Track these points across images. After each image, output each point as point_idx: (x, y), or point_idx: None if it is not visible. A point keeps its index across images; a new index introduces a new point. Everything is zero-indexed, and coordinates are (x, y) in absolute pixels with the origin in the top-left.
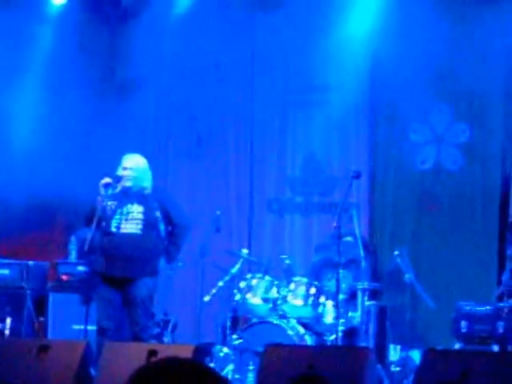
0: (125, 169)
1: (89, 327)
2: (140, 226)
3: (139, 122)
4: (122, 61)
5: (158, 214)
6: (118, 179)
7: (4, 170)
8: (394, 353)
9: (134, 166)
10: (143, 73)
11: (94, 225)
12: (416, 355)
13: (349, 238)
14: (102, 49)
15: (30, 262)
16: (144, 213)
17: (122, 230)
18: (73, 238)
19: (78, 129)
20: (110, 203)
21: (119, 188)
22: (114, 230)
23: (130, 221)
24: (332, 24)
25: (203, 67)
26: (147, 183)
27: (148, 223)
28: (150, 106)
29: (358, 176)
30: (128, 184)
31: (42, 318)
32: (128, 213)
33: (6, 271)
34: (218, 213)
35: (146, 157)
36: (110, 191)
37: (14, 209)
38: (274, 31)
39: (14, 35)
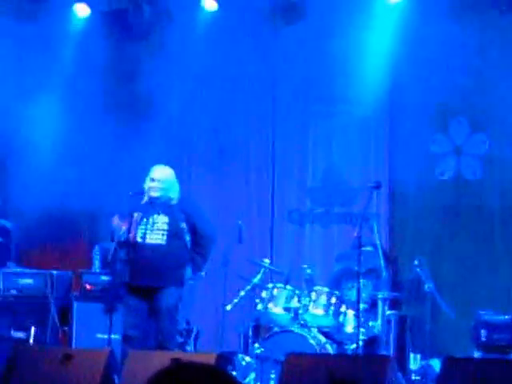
0: (152, 180)
1: (112, 336)
2: (165, 237)
3: (162, 134)
4: (145, 73)
5: (183, 224)
6: (141, 193)
7: (30, 182)
8: (414, 361)
9: (161, 177)
10: (166, 85)
11: (116, 236)
12: (436, 364)
13: (369, 248)
14: (126, 61)
15: (54, 272)
16: (169, 223)
17: (147, 241)
18: (97, 248)
19: (103, 141)
20: (136, 214)
21: (146, 199)
22: (139, 240)
23: (155, 231)
24: (353, 36)
25: (225, 79)
26: (174, 194)
27: (173, 234)
28: (173, 118)
29: (378, 186)
30: (155, 194)
31: (66, 327)
32: (153, 223)
33: (30, 281)
34: (240, 223)
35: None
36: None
37: (40, 219)
38: (295, 43)
39: (39, 48)
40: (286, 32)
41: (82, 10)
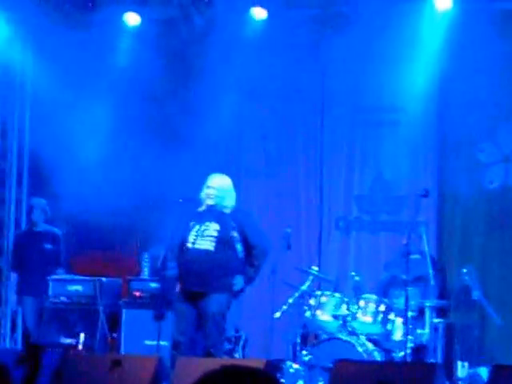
0: (208, 187)
1: (161, 343)
2: (213, 243)
3: (211, 142)
4: (195, 82)
5: (235, 233)
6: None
7: (80, 189)
8: (461, 369)
9: (217, 185)
10: (216, 94)
11: (167, 242)
12: (484, 372)
13: (417, 256)
14: (175, 70)
15: (104, 279)
16: (219, 231)
17: (197, 246)
18: (146, 255)
19: (152, 149)
20: (192, 223)
21: (203, 207)
22: (189, 245)
23: (205, 237)
24: (401, 45)
25: (274, 88)
26: (229, 203)
27: (222, 241)
28: (221, 126)
29: (426, 195)
30: (210, 202)
31: (114, 334)
32: (204, 230)
33: (79, 287)
34: (289, 230)
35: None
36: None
37: (88, 226)
38: (343, 51)
39: (89, 56)
40: (334, 40)
41: (132, 19)
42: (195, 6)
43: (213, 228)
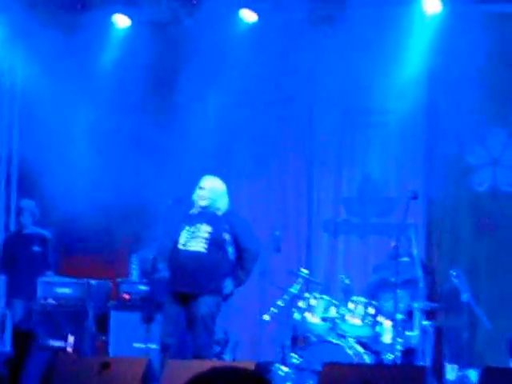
0: (200, 188)
1: (150, 345)
2: (205, 245)
3: (200, 142)
4: (184, 83)
5: (226, 236)
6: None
7: (69, 191)
8: (451, 372)
9: (209, 186)
10: (204, 95)
11: (157, 244)
12: (473, 374)
13: (406, 259)
14: (164, 71)
15: (93, 281)
16: (211, 233)
17: (188, 248)
18: (134, 258)
19: (142, 151)
20: (183, 224)
21: (196, 209)
22: (181, 247)
23: (196, 239)
24: (390, 47)
25: (263, 89)
26: (221, 205)
27: (213, 243)
28: (210, 126)
29: (415, 197)
30: (202, 203)
31: (103, 337)
32: (196, 231)
33: (68, 290)
34: (278, 233)
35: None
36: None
37: (77, 229)
38: (332, 53)
39: (79, 57)
40: (323, 42)
41: (121, 21)
42: (184, 8)
43: (204, 230)
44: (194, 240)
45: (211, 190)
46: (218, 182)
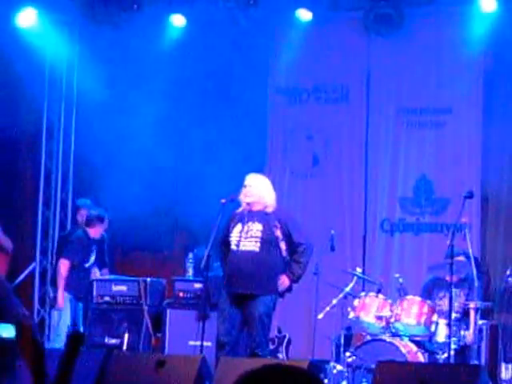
0: (245, 186)
1: (205, 343)
2: (258, 244)
3: (257, 142)
4: (239, 83)
5: (278, 233)
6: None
7: (125, 190)
8: (505, 371)
9: (254, 183)
10: (260, 94)
11: (210, 243)
12: None
13: (461, 258)
14: (221, 70)
15: (148, 279)
16: (263, 231)
17: (241, 248)
18: (190, 256)
19: (198, 149)
20: (233, 224)
21: (243, 207)
22: (234, 247)
23: (249, 238)
24: (446, 47)
25: (319, 88)
26: (269, 201)
27: (266, 241)
28: (266, 126)
29: (470, 196)
30: (248, 200)
31: (159, 334)
32: (248, 231)
33: (124, 288)
34: (333, 232)
35: (263, 175)
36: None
37: (133, 227)
38: (388, 54)
39: (136, 57)
40: (379, 42)
41: (177, 20)
42: (240, 8)
43: (256, 228)
44: (247, 240)
45: (256, 187)
46: (263, 179)
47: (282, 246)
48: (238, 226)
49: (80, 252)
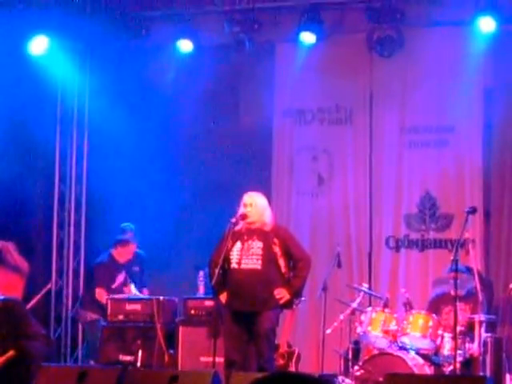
0: (245, 205)
1: (217, 359)
2: (259, 261)
3: (262, 162)
4: (246, 105)
5: (277, 249)
6: (243, 217)
7: (134, 212)
8: (510, 382)
9: (253, 202)
10: (265, 115)
11: (220, 260)
12: None
13: (465, 272)
14: (228, 94)
15: (161, 298)
16: (263, 248)
17: (243, 266)
18: (201, 274)
19: (206, 169)
20: (233, 242)
21: (242, 225)
22: (235, 266)
23: (250, 256)
24: (447, 67)
25: (323, 110)
26: (267, 220)
27: (267, 258)
28: (272, 148)
29: (473, 211)
30: (251, 220)
31: (171, 351)
32: (248, 249)
33: (137, 306)
34: (339, 249)
35: (270, 195)
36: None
37: (145, 246)
38: (391, 74)
39: (144, 81)
40: (382, 61)
41: (185, 46)
42: (245, 32)
43: (257, 246)
44: (248, 258)
45: (255, 205)
46: (260, 197)
47: (281, 262)
48: (238, 245)
49: (107, 276)
